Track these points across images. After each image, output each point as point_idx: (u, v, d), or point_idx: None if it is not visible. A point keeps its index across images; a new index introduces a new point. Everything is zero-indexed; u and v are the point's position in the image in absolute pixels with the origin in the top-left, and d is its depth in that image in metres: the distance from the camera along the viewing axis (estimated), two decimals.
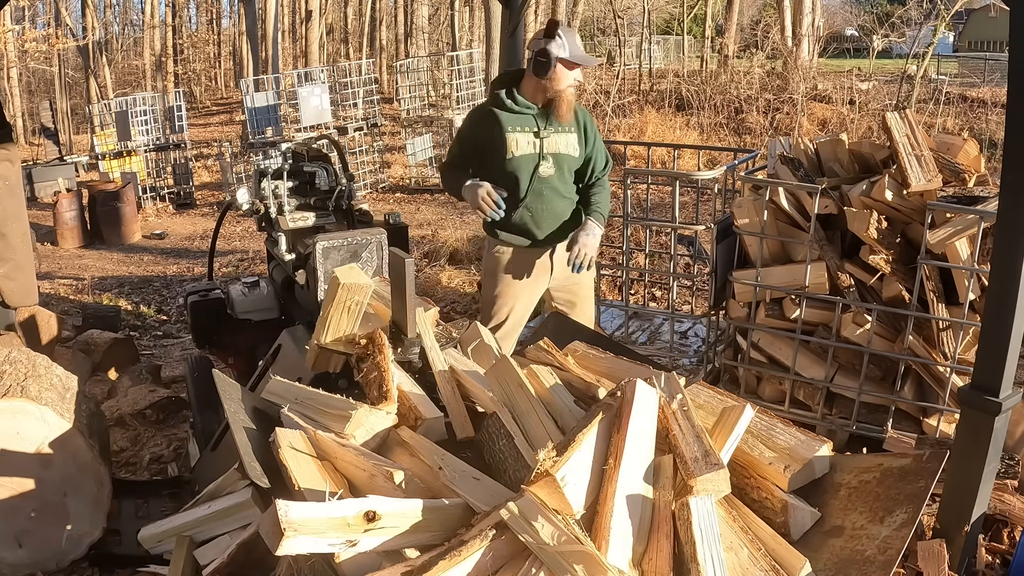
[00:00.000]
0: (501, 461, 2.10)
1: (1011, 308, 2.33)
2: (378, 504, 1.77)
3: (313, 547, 1.68)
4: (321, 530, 1.68)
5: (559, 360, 2.48)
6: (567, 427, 2.08)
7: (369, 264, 3.17)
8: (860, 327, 3.34)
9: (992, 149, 11.02)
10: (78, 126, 20.79)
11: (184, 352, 5.38)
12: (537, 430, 2.10)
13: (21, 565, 2.63)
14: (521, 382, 2.22)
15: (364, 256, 3.19)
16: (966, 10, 24.10)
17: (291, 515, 1.67)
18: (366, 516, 1.73)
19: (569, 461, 1.75)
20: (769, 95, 15.07)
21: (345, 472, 2.03)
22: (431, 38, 26.02)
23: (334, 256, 3.16)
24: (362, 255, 3.18)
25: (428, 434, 2.19)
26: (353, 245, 3.18)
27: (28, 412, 2.58)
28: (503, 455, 2.10)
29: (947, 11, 15.17)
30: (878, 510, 1.91)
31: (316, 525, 1.68)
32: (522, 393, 2.20)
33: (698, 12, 23.34)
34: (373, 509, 1.75)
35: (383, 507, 1.77)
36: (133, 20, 29.78)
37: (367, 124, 12.41)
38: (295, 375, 2.94)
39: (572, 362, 2.51)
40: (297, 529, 1.65)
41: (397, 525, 1.79)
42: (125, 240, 10.30)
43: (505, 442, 2.11)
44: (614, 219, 7.53)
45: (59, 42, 19.53)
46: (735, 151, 5.79)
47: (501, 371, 2.29)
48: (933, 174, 3.19)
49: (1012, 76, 2.28)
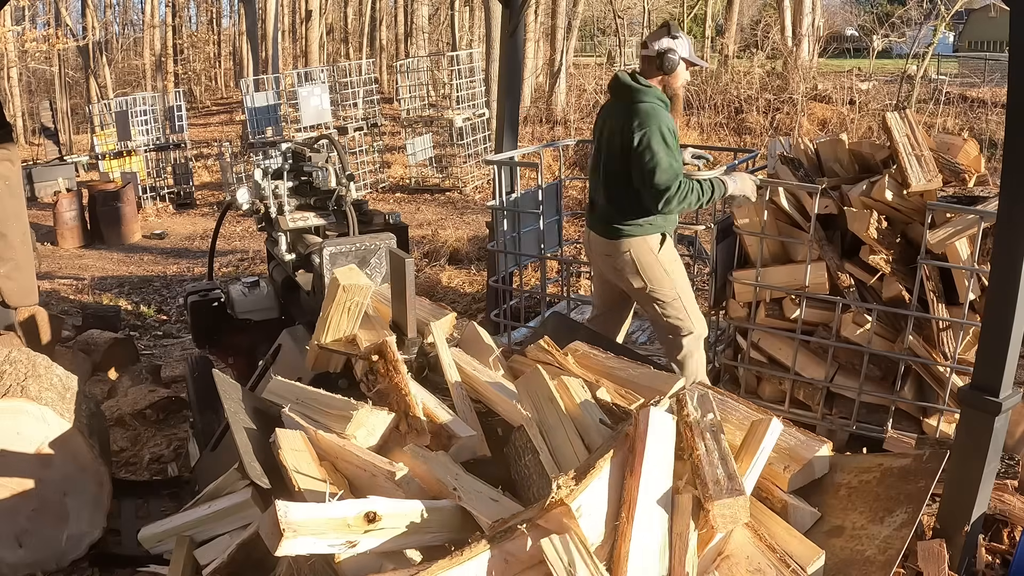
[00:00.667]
0: (526, 477, 2.05)
1: (1011, 308, 2.33)
2: (378, 505, 1.76)
3: (313, 548, 1.68)
4: (321, 531, 1.68)
5: (559, 360, 2.48)
6: (593, 445, 2.03)
7: (377, 271, 3.17)
8: (860, 327, 3.34)
9: (992, 149, 11.01)
10: (78, 126, 20.78)
11: (184, 352, 5.38)
12: (564, 447, 2.04)
13: (21, 565, 2.63)
14: (551, 395, 2.16)
15: (372, 262, 3.18)
16: (966, 10, 24.10)
17: (291, 516, 1.67)
18: (366, 517, 1.73)
19: (585, 491, 1.71)
20: (769, 95, 15.07)
21: (346, 472, 2.03)
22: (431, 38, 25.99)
23: (341, 262, 3.14)
24: (371, 261, 3.17)
25: (459, 453, 2.12)
26: (361, 251, 3.17)
27: (28, 412, 2.58)
28: (528, 471, 2.05)
29: (947, 11, 15.16)
30: (878, 510, 1.91)
31: (316, 526, 1.68)
32: (551, 407, 2.14)
33: (698, 12, 23.31)
34: (373, 510, 1.74)
35: (383, 508, 1.76)
36: (133, 20, 29.78)
37: (367, 124, 12.41)
38: (295, 375, 2.94)
39: (572, 362, 2.50)
40: (296, 530, 1.65)
41: (397, 526, 1.78)
42: (125, 240, 10.30)
43: (531, 457, 2.05)
44: None
45: (59, 42, 19.52)
46: (735, 151, 5.79)
47: (532, 383, 2.23)
48: (933, 174, 3.19)
49: (1012, 76, 2.28)
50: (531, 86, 16.54)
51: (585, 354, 2.58)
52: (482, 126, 12.41)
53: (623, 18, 20.03)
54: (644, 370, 2.46)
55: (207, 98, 28.43)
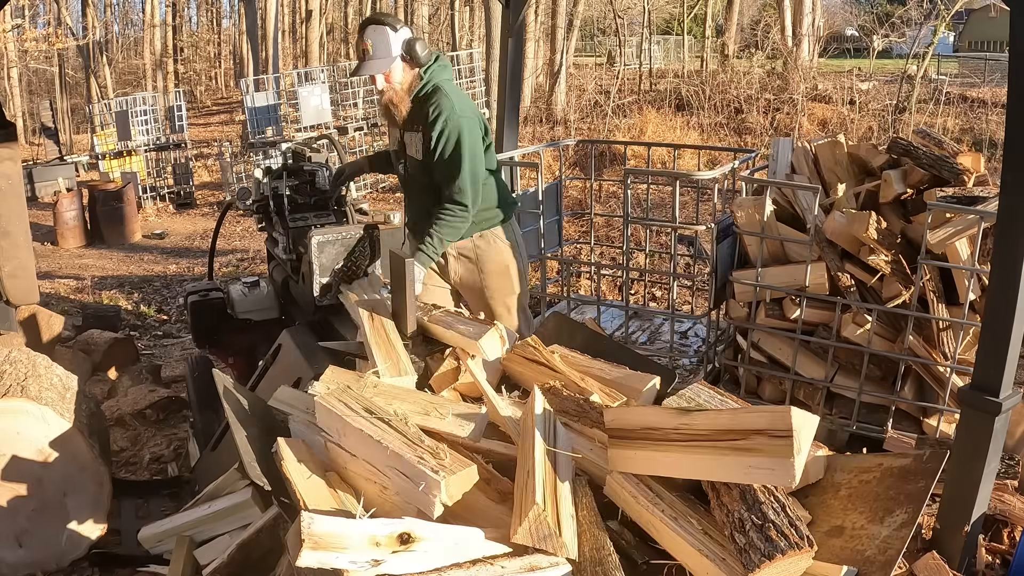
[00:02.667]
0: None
1: (1011, 308, 2.33)
2: (415, 527, 1.66)
3: (334, 563, 1.60)
4: (344, 546, 1.61)
5: (546, 358, 2.47)
6: None
7: (363, 257, 3.18)
8: (860, 327, 3.34)
9: (992, 149, 11.02)
10: (78, 126, 20.78)
11: (184, 352, 5.38)
12: None
13: (21, 565, 2.63)
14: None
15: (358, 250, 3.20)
16: (966, 10, 24.10)
17: (315, 527, 1.60)
18: (399, 538, 1.64)
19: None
20: (769, 95, 15.08)
21: (354, 483, 1.96)
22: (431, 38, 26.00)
23: (328, 250, 3.19)
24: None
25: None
26: (347, 239, 3.18)
27: (28, 412, 2.58)
28: None
29: (947, 11, 15.17)
30: (878, 510, 1.91)
31: (340, 541, 1.61)
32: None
33: (698, 12, 23.32)
34: (409, 531, 1.64)
35: (420, 530, 1.66)
36: (133, 20, 29.78)
37: (367, 124, 12.42)
38: (295, 375, 2.95)
39: (559, 360, 2.50)
40: (318, 543, 1.58)
41: (430, 551, 1.67)
42: (125, 240, 10.30)
43: None
44: (614, 219, 7.54)
45: (59, 41, 19.52)
46: (735, 151, 5.79)
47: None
48: None
49: (1012, 76, 2.28)
50: (531, 86, 16.54)
51: (568, 354, 2.57)
52: None
53: (623, 18, 20.05)
54: (623, 371, 2.45)
55: (207, 98, 28.44)
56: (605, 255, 6.73)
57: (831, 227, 3.29)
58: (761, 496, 1.76)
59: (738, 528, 1.72)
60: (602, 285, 5.76)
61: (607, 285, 6.14)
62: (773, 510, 1.74)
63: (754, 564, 1.64)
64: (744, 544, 1.68)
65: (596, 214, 5.11)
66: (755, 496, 1.76)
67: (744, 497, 1.76)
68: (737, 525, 1.73)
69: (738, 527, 1.72)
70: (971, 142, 12.22)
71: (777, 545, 1.66)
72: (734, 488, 1.80)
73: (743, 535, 1.70)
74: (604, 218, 7.26)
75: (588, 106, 15.60)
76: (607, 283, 6.16)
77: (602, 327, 4.52)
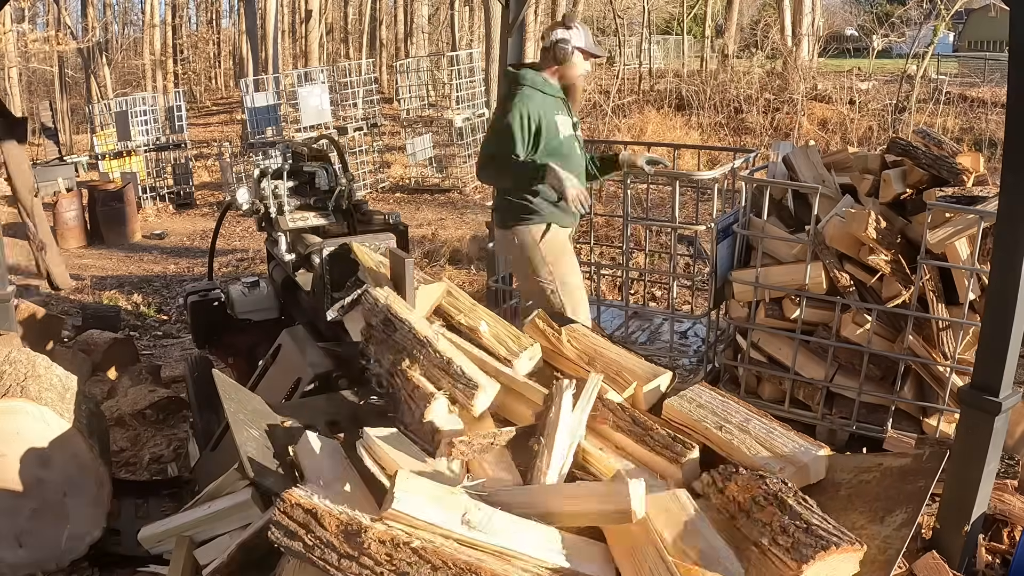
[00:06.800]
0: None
1: (1011, 308, 2.33)
2: (474, 512, 1.75)
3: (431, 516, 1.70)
4: (437, 496, 1.72)
5: (553, 341, 2.48)
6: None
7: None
8: (860, 327, 3.34)
9: (992, 149, 11.02)
10: (78, 126, 20.76)
11: (184, 352, 5.38)
12: None
13: (21, 565, 2.63)
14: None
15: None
16: (966, 10, 24.10)
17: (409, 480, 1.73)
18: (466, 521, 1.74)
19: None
20: (769, 95, 15.07)
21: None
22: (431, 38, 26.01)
23: (339, 262, 3.14)
24: None
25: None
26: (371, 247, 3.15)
27: (28, 412, 2.58)
28: None
29: (947, 11, 15.16)
30: (878, 510, 1.91)
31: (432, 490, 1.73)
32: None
33: (698, 12, 23.32)
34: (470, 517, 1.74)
35: (478, 518, 1.74)
36: (133, 20, 29.77)
37: (367, 124, 12.41)
38: (295, 375, 2.95)
39: (567, 340, 2.50)
40: (408, 489, 1.69)
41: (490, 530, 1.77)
42: (125, 240, 10.30)
43: None
44: (614, 219, 7.53)
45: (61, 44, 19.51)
46: (735, 151, 5.79)
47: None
48: None
49: (1012, 76, 2.28)
50: None
51: (579, 336, 2.58)
52: (482, 126, 12.40)
53: (623, 18, 20.04)
54: (634, 357, 2.48)
55: (207, 98, 28.44)
56: (605, 255, 6.72)
57: (831, 231, 3.30)
58: (799, 508, 1.81)
59: (780, 533, 1.76)
60: (602, 285, 5.76)
61: (607, 285, 6.13)
62: (816, 516, 1.79)
63: (807, 557, 1.67)
64: (789, 544, 1.72)
65: (596, 214, 5.10)
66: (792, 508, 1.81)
67: (782, 508, 1.81)
68: (778, 531, 1.76)
69: (780, 532, 1.76)
70: (971, 142, 12.21)
71: (830, 540, 1.69)
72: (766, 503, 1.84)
73: (788, 536, 1.74)
74: (604, 218, 7.26)
75: (588, 106, 15.58)
76: (607, 283, 6.15)
77: (602, 327, 4.53)
